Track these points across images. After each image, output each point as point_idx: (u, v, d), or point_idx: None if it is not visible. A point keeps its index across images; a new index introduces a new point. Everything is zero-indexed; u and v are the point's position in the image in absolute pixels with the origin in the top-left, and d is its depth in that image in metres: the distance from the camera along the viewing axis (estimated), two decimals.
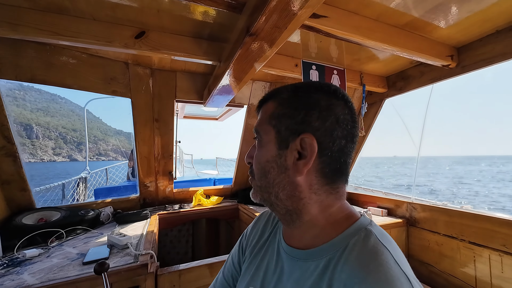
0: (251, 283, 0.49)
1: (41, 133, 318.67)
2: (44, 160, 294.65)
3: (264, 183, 0.45)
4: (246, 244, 0.59)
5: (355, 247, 0.38)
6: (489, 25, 1.14)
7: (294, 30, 0.78)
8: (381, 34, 1.10)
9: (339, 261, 0.38)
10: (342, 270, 0.37)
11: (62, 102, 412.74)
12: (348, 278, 0.35)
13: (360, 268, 0.35)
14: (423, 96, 1.82)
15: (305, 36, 1.29)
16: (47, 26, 0.94)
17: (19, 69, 1.20)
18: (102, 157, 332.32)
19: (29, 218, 1.36)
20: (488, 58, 1.22)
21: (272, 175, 0.44)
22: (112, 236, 1.19)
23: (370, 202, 1.92)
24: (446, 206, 1.52)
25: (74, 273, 0.91)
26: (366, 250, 0.37)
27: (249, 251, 0.56)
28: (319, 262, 0.40)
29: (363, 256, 0.37)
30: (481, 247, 1.26)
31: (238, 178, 2.29)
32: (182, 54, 1.18)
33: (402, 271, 0.35)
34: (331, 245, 0.41)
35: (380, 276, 0.33)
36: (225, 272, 0.60)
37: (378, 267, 0.34)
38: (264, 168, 0.45)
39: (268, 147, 0.44)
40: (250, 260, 0.54)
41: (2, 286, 0.83)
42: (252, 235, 0.59)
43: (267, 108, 0.46)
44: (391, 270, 0.34)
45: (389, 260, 0.35)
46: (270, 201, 0.46)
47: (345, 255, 0.38)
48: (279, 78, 1.86)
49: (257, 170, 0.46)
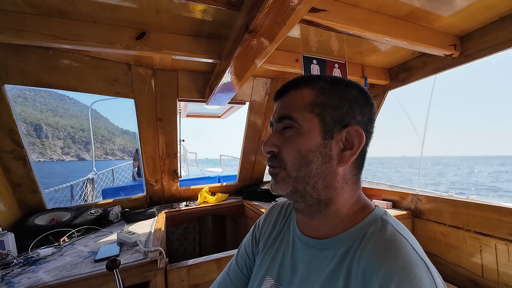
0: (267, 272, 0.50)
1: (51, 133, 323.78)
2: (53, 159, 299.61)
3: (304, 173, 0.43)
4: (260, 235, 0.59)
5: (373, 236, 0.40)
6: (493, 12, 1.12)
7: (293, 25, 0.78)
8: (381, 26, 1.09)
9: (357, 250, 0.39)
10: (361, 258, 0.38)
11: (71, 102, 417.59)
12: (366, 265, 0.37)
13: (378, 255, 0.36)
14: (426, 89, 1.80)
15: (305, 30, 1.28)
16: (50, 30, 0.96)
17: (25, 74, 1.23)
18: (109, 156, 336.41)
19: (41, 219, 1.41)
20: (492, 46, 1.20)
21: (315, 165, 0.42)
22: (122, 234, 1.22)
23: (375, 195, 1.92)
24: (451, 197, 1.51)
25: (87, 270, 0.94)
26: (384, 239, 0.39)
27: (263, 242, 0.57)
28: (336, 251, 0.42)
29: (381, 245, 0.38)
30: (487, 236, 1.26)
31: (242, 174, 2.31)
32: (183, 53, 1.18)
33: (420, 258, 0.36)
34: (348, 235, 0.42)
35: (399, 263, 0.34)
36: (238, 260, 0.61)
37: (397, 254, 0.36)
38: (307, 157, 0.42)
39: (310, 136, 0.42)
40: (266, 251, 0.54)
41: (20, 284, 0.87)
42: (265, 226, 0.59)
43: (303, 95, 0.44)
44: (409, 257, 0.35)
45: (407, 247, 0.37)
46: (304, 192, 0.44)
47: (363, 244, 0.39)
48: (280, 73, 1.86)
49: (295, 159, 0.43)
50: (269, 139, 0.46)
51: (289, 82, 0.47)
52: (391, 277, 0.33)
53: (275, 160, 0.45)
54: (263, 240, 0.57)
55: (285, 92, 0.47)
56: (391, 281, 0.33)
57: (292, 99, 0.45)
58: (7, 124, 1.24)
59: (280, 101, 0.47)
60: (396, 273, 0.33)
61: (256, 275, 0.53)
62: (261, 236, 0.59)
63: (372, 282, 0.35)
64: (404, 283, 0.32)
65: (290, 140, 0.43)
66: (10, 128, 1.24)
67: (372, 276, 0.35)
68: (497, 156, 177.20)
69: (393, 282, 0.33)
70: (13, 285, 0.87)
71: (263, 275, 0.50)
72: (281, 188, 0.44)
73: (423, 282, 0.33)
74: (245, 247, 0.61)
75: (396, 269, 0.34)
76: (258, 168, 2.34)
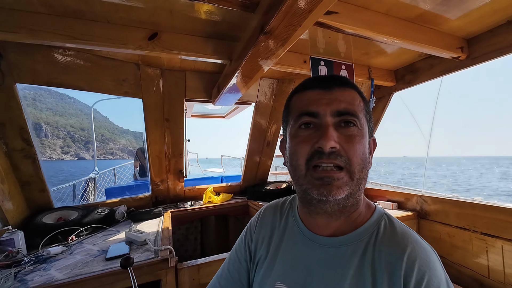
0: (277, 278, 0.48)
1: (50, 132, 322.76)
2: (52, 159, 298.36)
3: (363, 175, 0.43)
4: (256, 241, 0.56)
5: (385, 230, 0.44)
6: (500, 15, 1.13)
7: (308, 27, 0.79)
8: (391, 28, 1.10)
9: (376, 243, 0.43)
10: (381, 250, 0.42)
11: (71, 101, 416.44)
12: (389, 255, 0.41)
13: (397, 245, 0.41)
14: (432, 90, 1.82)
15: (313, 32, 1.30)
16: (64, 30, 0.97)
17: (36, 74, 1.23)
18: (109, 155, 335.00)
19: (48, 218, 1.41)
20: (499, 48, 1.21)
21: (368, 167, 0.45)
22: (130, 233, 1.23)
23: (380, 196, 1.93)
24: (456, 198, 1.52)
25: (99, 269, 0.94)
26: (397, 232, 0.44)
27: (264, 248, 0.54)
28: (355, 247, 0.44)
29: (397, 236, 0.43)
30: (494, 237, 1.27)
31: (247, 175, 2.31)
32: (193, 54, 1.19)
33: (429, 246, 0.43)
34: (363, 231, 0.45)
35: (417, 248, 0.40)
36: (230, 268, 0.58)
37: (412, 242, 0.41)
38: (366, 159, 0.44)
39: (366, 138, 0.45)
40: (270, 256, 0.52)
41: (33, 282, 0.87)
42: (262, 230, 0.57)
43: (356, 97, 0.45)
44: (423, 244, 0.42)
45: (417, 237, 0.43)
46: (355, 194, 0.43)
47: (380, 238, 0.43)
48: (286, 74, 1.87)
49: (360, 160, 0.42)
50: (331, 134, 0.41)
51: (337, 76, 0.47)
52: (413, 261, 0.39)
53: (339, 158, 0.41)
54: (262, 245, 0.54)
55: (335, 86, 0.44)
56: (414, 265, 0.38)
57: (351, 97, 0.44)
58: (18, 122, 1.24)
59: (331, 93, 0.43)
60: (416, 258, 0.39)
61: (262, 283, 0.50)
62: (258, 242, 0.56)
63: (397, 269, 0.39)
64: (424, 266, 0.38)
65: (356, 140, 0.42)
66: (20, 127, 1.25)
67: (396, 263, 0.39)
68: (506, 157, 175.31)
69: (416, 266, 0.38)
70: (27, 282, 0.87)
71: (271, 282, 0.48)
72: (342, 192, 0.41)
73: (437, 265, 0.40)
74: (237, 254, 0.59)
75: (416, 255, 0.39)
76: (263, 168, 2.34)
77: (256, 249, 0.56)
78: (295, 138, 0.45)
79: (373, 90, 1.70)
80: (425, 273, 0.38)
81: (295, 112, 0.46)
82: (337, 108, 0.42)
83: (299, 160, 0.44)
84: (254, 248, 0.56)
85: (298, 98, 0.47)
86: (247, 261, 0.57)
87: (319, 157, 0.41)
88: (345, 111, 0.42)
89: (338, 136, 0.41)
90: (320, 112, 0.43)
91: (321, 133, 0.41)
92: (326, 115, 0.42)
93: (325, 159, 0.41)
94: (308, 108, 0.44)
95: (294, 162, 0.45)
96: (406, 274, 0.38)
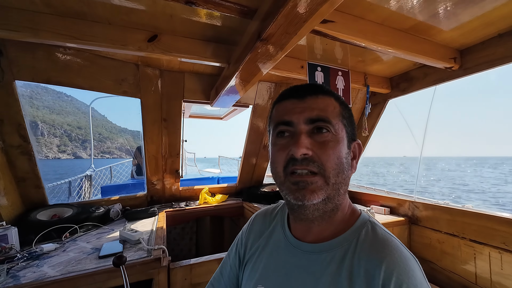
0: (259, 282, 0.50)
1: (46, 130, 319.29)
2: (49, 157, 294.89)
3: (340, 180, 0.44)
4: (245, 247, 0.59)
5: (366, 237, 0.44)
6: (492, 28, 1.17)
7: (303, 35, 0.82)
8: (385, 38, 1.13)
9: (355, 251, 0.43)
10: (360, 257, 0.41)
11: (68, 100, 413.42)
12: (367, 263, 0.40)
13: (376, 253, 0.41)
14: (426, 97, 1.85)
15: (311, 39, 1.32)
16: (66, 30, 0.98)
17: (36, 71, 1.25)
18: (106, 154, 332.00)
19: (43, 214, 1.41)
20: (490, 60, 1.25)
21: (346, 171, 0.45)
22: (124, 231, 1.24)
23: (373, 201, 1.96)
24: (448, 205, 1.55)
25: (91, 266, 0.95)
26: (378, 239, 0.43)
27: (251, 253, 0.56)
28: (334, 254, 0.44)
29: (377, 244, 0.42)
30: (482, 244, 1.29)
31: (243, 176, 2.33)
32: (192, 56, 1.21)
33: (410, 253, 0.42)
34: (344, 238, 0.45)
35: (396, 258, 0.40)
36: (223, 272, 0.61)
37: (392, 250, 0.41)
38: (343, 164, 0.44)
39: (344, 144, 0.45)
40: (254, 260, 0.54)
41: (25, 278, 0.88)
42: (251, 237, 0.59)
43: (332, 103, 0.46)
44: (403, 252, 0.41)
45: (399, 245, 0.42)
46: (333, 199, 0.45)
47: (360, 245, 0.43)
48: (284, 79, 1.90)
49: (335, 165, 0.43)
50: (303, 141, 0.42)
51: (310, 85, 0.48)
52: (392, 270, 0.38)
53: (312, 164, 0.42)
54: (250, 250, 0.57)
55: (307, 94, 0.46)
56: (392, 274, 0.38)
57: (324, 104, 0.45)
58: (16, 119, 1.25)
59: (304, 102, 0.45)
60: (395, 267, 0.38)
61: (247, 285, 0.52)
62: (246, 248, 0.58)
63: (375, 278, 0.39)
64: (402, 275, 0.38)
65: (330, 145, 0.43)
66: (18, 123, 1.26)
67: (375, 272, 0.39)
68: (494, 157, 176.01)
69: (394, 275, 0.38)
70: (19, 278, 0.88)
71: (254, 284, 0.50)
72: (317, 196, 0.42)
73: (416, 274, 0.39)
74: (229, 258, 0.62)
75: (395, 264, 0.39)
76: (259, 170, 2.36)
77: (245, 253, 0.58)
78: (274, 146, 0.47)
79: (368, 96, 1.73)
80: (404, 282, 0.37)
81: (273, 122, 0.49)
82: (309, 115, 0.44)
83: (277, 167, 0.46)
84: (243, 253, 0.59)
85: (276, 109, 0.50)
86: (236, 266, 0.60)
87: (293, 163, 0.43)
88: (317, 118, 0.44)
89: (311, 143, 0.43)
90: (294, 120, 0.45)
91: (294, 140, 0.43)
92: (299, 123, 0.44)
93: (298, 165, 0.42)
94: (283, 117, 0.46)
95: (274, 169, 0.47)
96: (384, 283, 0.37)
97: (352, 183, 2.78)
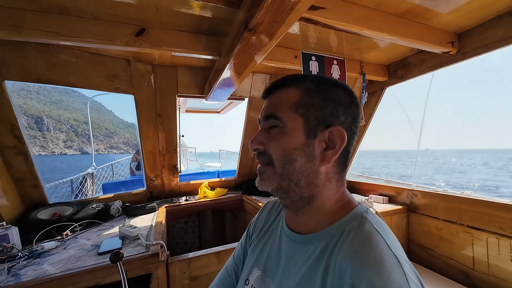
0: (255, 264, 0.54)
1: (52, 125, 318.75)
2: (55, 153, 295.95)
3: (288, 171, 0.44)
4: (253, 231, 0.64)
5: (350, 232, 0.41)
6: (490, 9, 1.13)
7: (292, 23, 0.79)
8: (380, 24, 1.10)
9: (336, 246, 0.41)
10: (338, 253, 0.40)
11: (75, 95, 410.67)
12: (342, 260, 0.38)
13: (353, 251, 0.38)
14: (424, 86, 1.79)
15: (304, 27, 1.29)
16: (49, 27, 0.96)
17: (25, 70, 1.23)
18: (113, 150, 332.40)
19: (43, 213, 1.43)
20: (489, 43, 1.21)
21: (299, 163, 0.44)
22: (124, 228, 1.25)
23: (372, 190, 1.96)
24: (446, 192, 1.55)
25: (91, 263, 0.97)
26: (360, 235, 0.40)
27: (255, 236, 0.61)
28: (317, 246, 0.44)
29: (357, 241, 0.39)
30: (479, 230, 1.29)
31: (242, 169, 2.33)
32: (182, 49, 1.19)
33: (392, 253, 0.37)
34: (328, 231, 0.44)
35: (370, 258, 0.36)
36: (235, 256, 0.66)
37: (369, 250, 0.37)
38: (291, 156, 0.44)
39: (294, 135, 0.44)
40: (255, 243, 0.58)
41: (26, 276, 0.90)
42: (258, 222, 0.64)
43: (289, 95, 0.45)
44: (381, 252, 0.36)
45: (380, 243, 0.38)
46: (288, 188, 0.45)
47: (342, 240, 0.41)
48: (279, 70, 1.86)
49: (280, 157, 0.44)
50: (256, 137, 0.47)
51: (276, 81, 0.48)
52: (363, 271, 0.35)
53: (263, 157, 0.47)
54: (255, 234, 0.61)
55: (273, 91, 0.48)
56: (363, 276, 0.34)
57: (278, 99, 0.47)
58: (8, 120, 1.25)
59: (268, 99, 0.49)
60: (368, 268, 0.35)
61: (246, 266, 0.57)
62: (254, 231, 0.63)
63: (346, 276, 0.36)
64: (375, 278, 0.34)
65: (275, 138, 0.45)
66: (11, 124, 1.25)
67: (346, 270, 0.37)
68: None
69: (365, 276, 0.34)
70: (20, 277, 0.89)
71: (251, 266, 0.54)
72: (266, 184, 0.47)
73: (393, 276, 0.34)
74: (241, 244, 0.65)
75: (368, 264, 0.35)
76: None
77: (252, 238, 0.62)
78: None
79: (365, 85, 1.70)
80: (375, 285, 0.33)
81: None
82: (265, 113, 0.47)
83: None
84: (251, 237, 0.63)
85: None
86: (246, 247, 0.63)
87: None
88: (268, 115, 0.46)
89: (266, 138, 0.47)
90: (260, 119, 0.50)
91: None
92: (261, 120, 0.49)
93: (257, 158, 0.49)
94: (259, 117, 0.51)
95: None
96: (353, 284, 0.35)
97: (351, 172, 2.77)
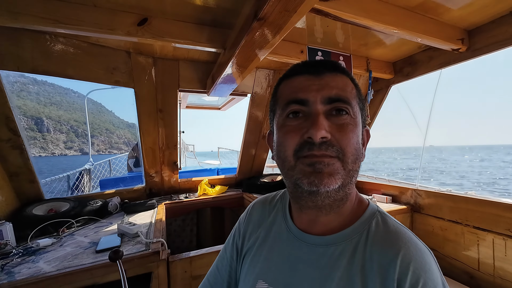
0: (259, 276, 0.46)
1: (52, 126, 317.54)
2: (55, 154, 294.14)
3: (356, 167, 0.40)
4: (243, 238, 0.55)
5: (377, 229, 0.41)
6: (503, 5, 1.10)
7: (304, 13, 0.75)
8: (390, 17, 1.06)
9: (367, 244, 0.40)
10: (372, 251, 0.38)
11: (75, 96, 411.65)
12: (381, 257, 0.37)
13: (390, 246, 0.38)
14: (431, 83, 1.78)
15: (311, 21, 1.25)
16: (48, 14, 0.91)
17: (20, 60, 1.18)
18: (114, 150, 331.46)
19: (39, 209, 1.39)
20: (501, 40, 1.18)
21: (361, 159, 0.41)
22: (122, 225, 1.21)
23: (375, 189, 1.93)
24: (450, 192, 1.53)
25: (88, 261, 0.93)
26: (390, 231, 0.40)
27: (249, 244, 0.52)
28: (344, 247, 0.41)
29: (389, 236, 0.39)
30: (485, 231, 1.27)
31: (243, 167, 2.30)
32: (185, 41, 1.14)
33: (426, 247, 0.39)
34: (353, 230, 0.42)
35: (412, 249, 0.37)
36: (218, 265, 0.58)
37: (407, 243, 0.38)
38: (360, 150, 0.41)
39: (359, 128, 0.41)
40: (254, 252, 0.50)
41: (20, 274, 0.86)
42: (249, 227, 0.55)
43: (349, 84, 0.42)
44: (418, 244, 0.38)
45: (412, 237, 0.40)
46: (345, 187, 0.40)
47: (371, 238, 0.40)
48: (283, 65, 1.83)
49: (354, 150, 0.39)
50: (322, 123, 0.37)
51: (328, 61, 0.43)
52: (408, 264, 0.36)
53: (331, 149, 0.37)
54: (249, 242, 0.53)
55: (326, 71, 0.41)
56: (409, 268, 0.35)
57: (343, 83, 0.40)
58: (3, 112, 1.20)
59: (321, 78, 0.40)
60: (411, 260, 0.36)
61: (246, 280, 0.48)
62: (244, 239, 0.54)
63: (390, 272, 0.36)
64: (419, 269, 0.35)
65: (349, 129, 0.39)
66: (6, 116, 1.20)
67: (390, 266, 0.36)
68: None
69: (410, 269, 0.35)
70: (14, 275, 0.85)
71: (254, 279, 0.46)
72: (332, 182, 0.37)
73: (433, 268, 0.37)
74: (225, 251, 0.58)
75: (411, 257, 0.36)
76: (258, 161, 2.33)
77: (243, 245, 0.54)
78: (283, 128, 0.42)
79: (371, 82, 1.67)
80: (420, 276, 0.35)
81: (282, 101, 0.43)
82: (328, 94, 0.39)
83: (287, 151, 0.40)
84: (241, 244, 0.55)
85: (285, 85, 0.44)
86: (233, 258, 0.56)
87: (309, 148, 0.38)
88: (336, 98, 0.39)
89: (329, 125, 0.38)
90: (310, 99, 0.39)
91: (311, 122, 0.38)
92: (316, 102, 0.39)
93: (316, 150, 0.37)
94: (297, 95, 0.40)
95: (282, 154, 0.41)
96: (400, 278, 0.35)
97: None
